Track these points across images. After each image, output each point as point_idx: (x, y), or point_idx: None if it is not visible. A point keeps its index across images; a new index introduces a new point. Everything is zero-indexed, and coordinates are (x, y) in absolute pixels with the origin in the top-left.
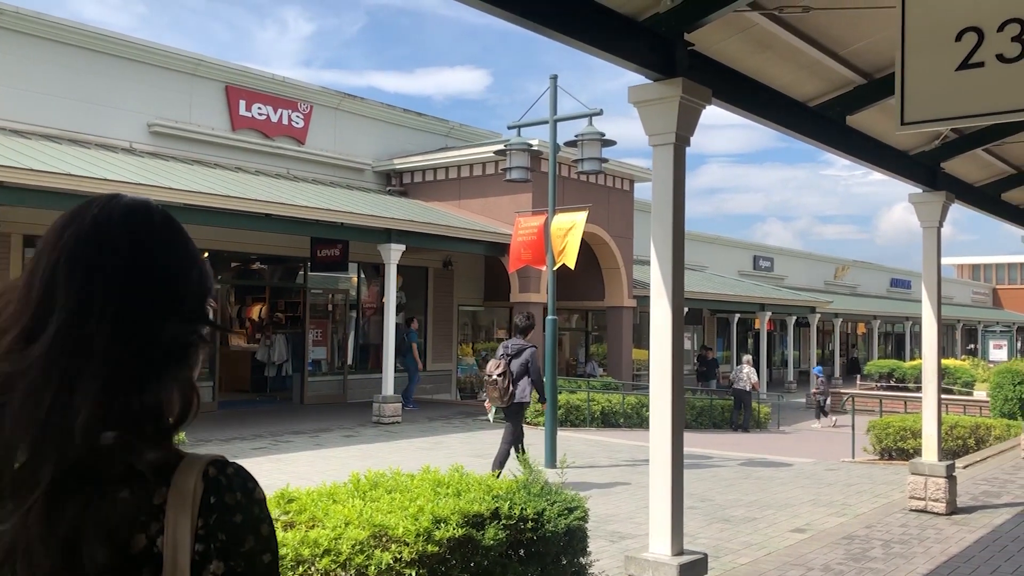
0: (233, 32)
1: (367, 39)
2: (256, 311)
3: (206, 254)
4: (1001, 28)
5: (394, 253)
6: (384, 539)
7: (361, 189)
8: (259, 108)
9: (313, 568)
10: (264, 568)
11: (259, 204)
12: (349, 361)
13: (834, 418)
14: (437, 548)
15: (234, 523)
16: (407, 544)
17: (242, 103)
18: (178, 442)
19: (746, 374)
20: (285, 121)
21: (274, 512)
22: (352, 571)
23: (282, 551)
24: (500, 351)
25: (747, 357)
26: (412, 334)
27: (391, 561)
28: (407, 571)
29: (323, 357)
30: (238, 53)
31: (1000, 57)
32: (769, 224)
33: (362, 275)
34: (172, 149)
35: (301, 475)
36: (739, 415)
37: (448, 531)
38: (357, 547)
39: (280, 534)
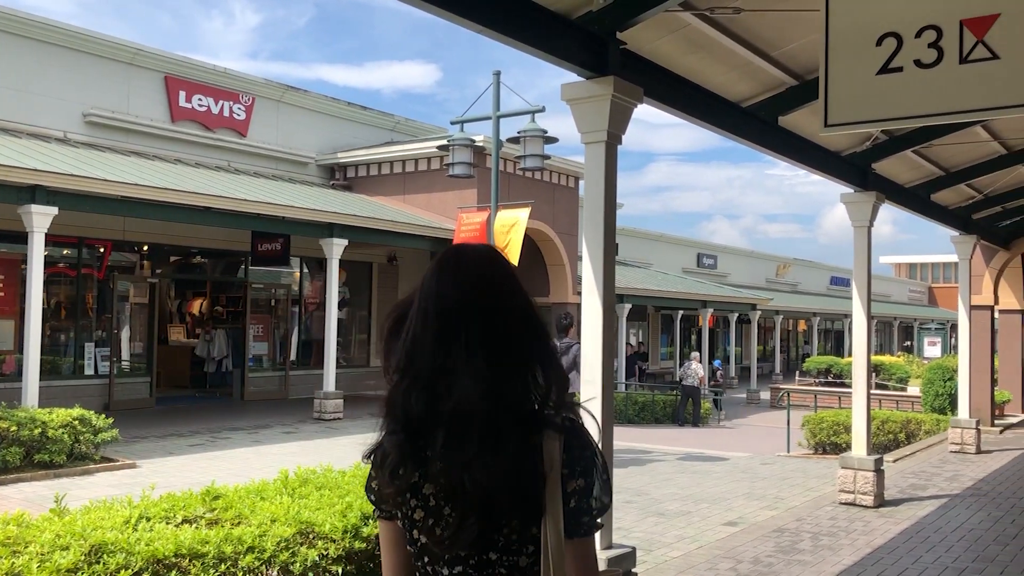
0: (178, 21)
1: (315, 31)
2: (196, 306)
3: (146, 247)
4: (919, 34)
5: (337, 248)
6: (311, 536)
7: (304, 183)
8: (199, 99)
9: (236, 566)
10: (605, 482)
11: (198, 197)
12: (291, 357)
13: (723, 412)
14: (365, 545)
15: (582, 455)
16: (334, 541)
17: (182, 94)
18: (112, 437)
19: (694, 370)
20: (226, 113)
21: (198, 510)
22: (277, 568)
23: (203, 549)
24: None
25: (695, 354)
26: None
27: (317, 558)
28: (334, 568)
29: (264, 353)
30: (183, 43)
31: (918, 63)
32: (716, 222)
33: (305, 270)
34: (109, 140)
35: (237, 472)
36: (687, 410)
37: (376, 528)
38: (282, 544)
39: (203, 532)
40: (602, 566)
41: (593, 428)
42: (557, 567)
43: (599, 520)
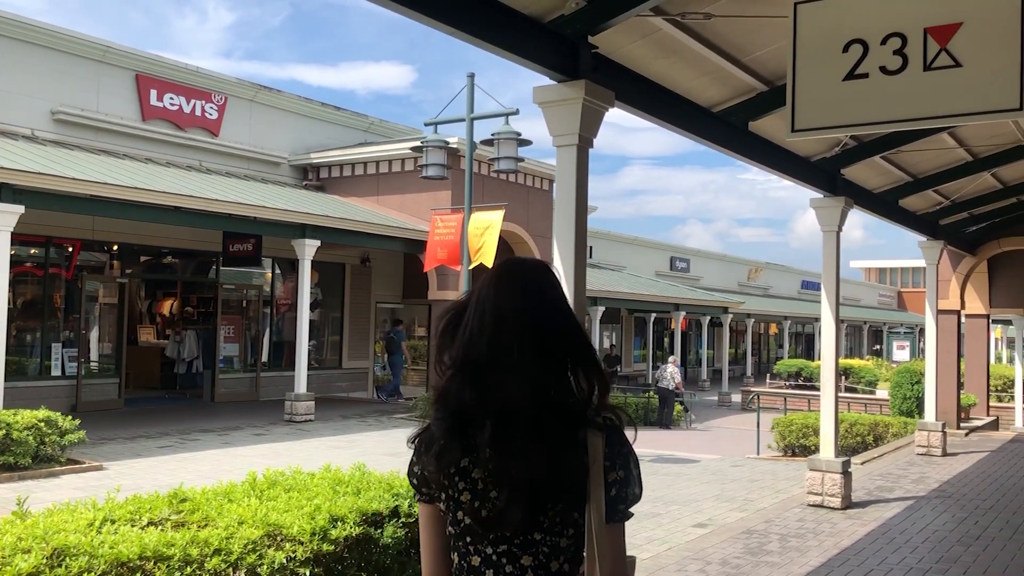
0: (150, 19)
1: (290, 30)
2: (167, 306)
3: (115, 247)
4: (884, 41)
5: (309, 249)
6: (278, 538)
7: (276, 183)
8: (171, 98)
9: (202, 569)
10: (637, 476)
11: (169, 196)
12: (262, 358)
13: (691, 414)
14: (333, 547)
15: (621, 451)
16: (302, 543)
17: (153, 92)
18: (79, 439)
19: (670, 373)
20: (198, 112)
21: (164, 512)
22: (243, 571)
23: (169, 551)
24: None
25: (672, 357)
26: (400, 334)
27: (284, 560)
28: (301, 570)
29: (235, 354)
30: (155, 42)
31: (883, 69)
32: (690, 226)
33: (277, 270)
34: (78, 138)
35: (206, 474)
36: (663, 412)
37: (345, 530)
38: (249, 546)
39: (168, 534)
40: None
41: (629, 430)
42: (599, 546)
43: (632, 509)
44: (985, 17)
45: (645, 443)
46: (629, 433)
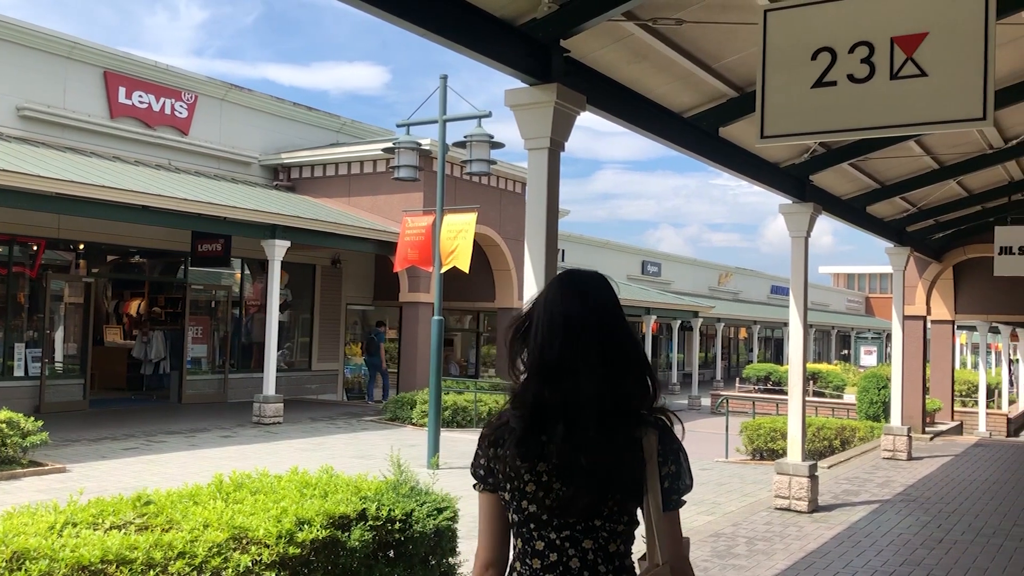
0: (121, 16)
1: (262, 30)
2: (134, 306)
3: (82, 246)
4: (852, 49)
5: (279, 249)
6: (244, 541)
7: (246, 183)
8: (140, 96)
9: (166, 572)
10: (687, 468)
11: (137, 196)
12: (231, 360)
13: None
14: (299, 550)
15: (672, 448)
16: (268, 546)
17: (122, 90)
18: (41, 441)
19: None
20: (168, 110)
21: (128, 515)
22: (208, 574)
23: (132, 555)
24: None
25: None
26: (380, 335)
27: (250, 564)
28: (267, 573)
29: (203, 355)
30: (125, 39)
31: (851, 77)
32: (662, 230)
33: (246, 271)
34: (44, 135)
35: (172, 476)
36: None
37: (312, 533)
38: (214, 549)
39: (132, 538)
40: None
41: (678, 428)
42: (659, 532)
43: (684, 498)
44: (950, 27)
45: None
46: (677, 430)
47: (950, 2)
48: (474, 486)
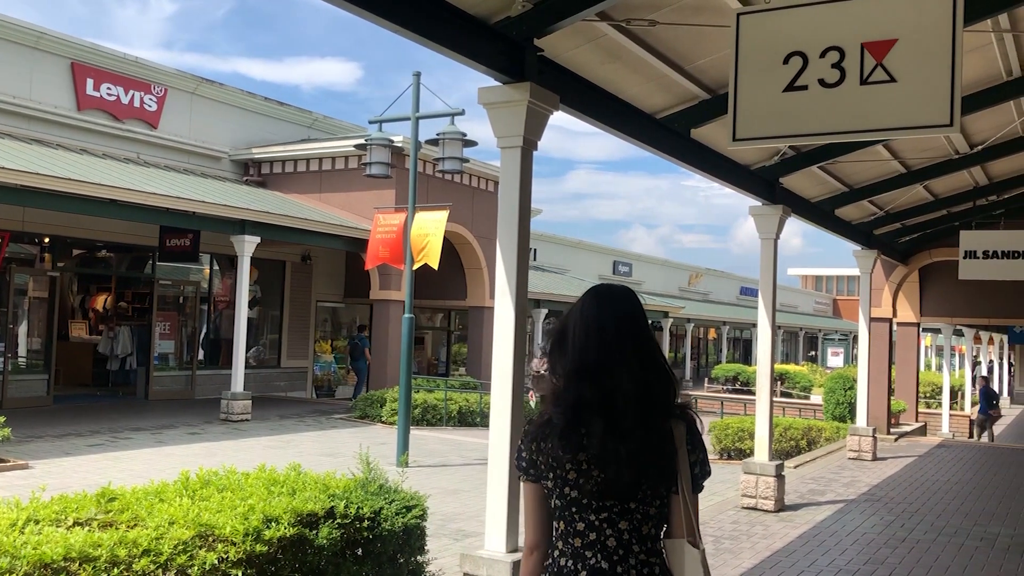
0: (89, 7)
1: (234, 23)
2: (100, 301)
3: (47, 239)
4: (823, 55)
5: (248, 245)
6: (210, 539)
7: (216, 178)
8: (108, 88)
9: (130, 570)
10: (707, 456)
11: (104, 189)
12: (199, 356)
13: None
14: (266, 548)
15: (697, 438)
16: (234, 544)
17: (89, 82)
18: (3, 437)
19: None
20: (137, 103)
21: (92, 512)
22: (173, 572)
23: (95, 552)
24: (539, 351)
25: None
26: (364, 339)
27: (216, 561)
28: (233, 571)
29: (171, 351)
30: (94, 30)
31: (822, 82)
32: (634, 230)
33: (215, 267)
34: (9, 126)
35: (138, 474)
36: None
37: (279, 530)
38: (180, 547)
39: (95, 535)
40: (507, 570)
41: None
42: (690, 509)
43: (704, 482)
44: (919, 35)
45: None
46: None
47: (919, 9)
48: (519, 477)
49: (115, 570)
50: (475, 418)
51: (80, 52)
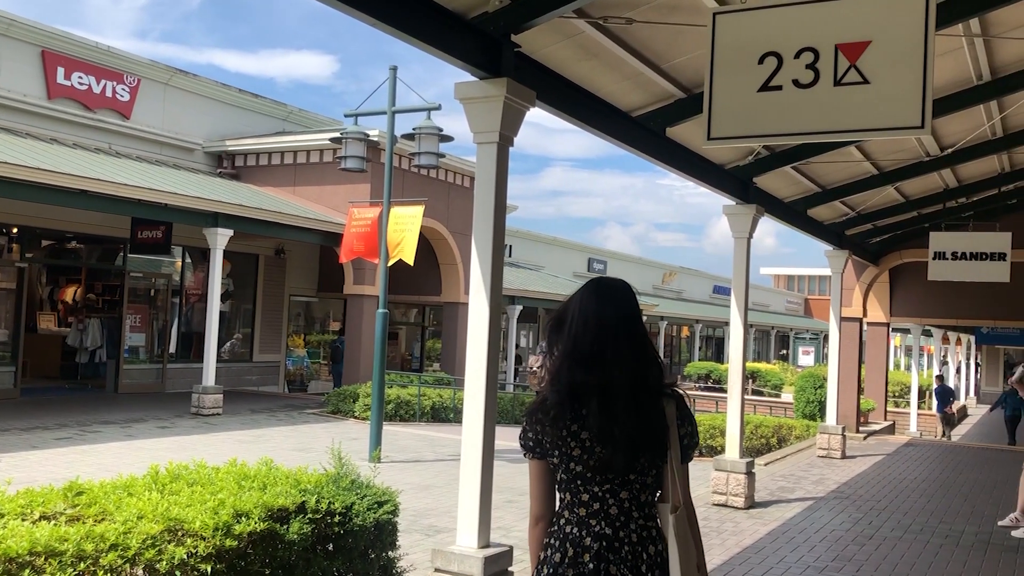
0: None
1: (209, 14)
2: (70, 293)
3: (15, 230)
4: (797, 55)
5: (221, 238)
6: (180, 533)
7: (189, 170)
8: (80, 77)
9: (97, 565)
10: (695, 429)
11: (75, 179)
12: (170, 349)
13: None
14: (236, 542)
15: (687, 415)
16: (204, 538)
17: (60, 70)
18: None
19: None
20: (109, 93)
21: (58, 506)
22: (142, 567)
23: (61, 547)
24: (538, 348)
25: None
26: (344, 343)
27: (185, 556)
28: (203, 566)
29: (141, 344)
30: (66, 19)
31: (796, 82)
32: (609, 228)
33: (188, 259)
34: None
35: (106, 467)
36: None
37: (249, 525)
38: (148, 541)
39: (62, 529)
40: (478, 565)
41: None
42: (681, 478)
43: (693, 452)
44: (893, 37)
45: None
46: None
47: (892, 12)
48: (524, 455)
49: (81, 564)
50: (449, 414)
51: (51, 40)
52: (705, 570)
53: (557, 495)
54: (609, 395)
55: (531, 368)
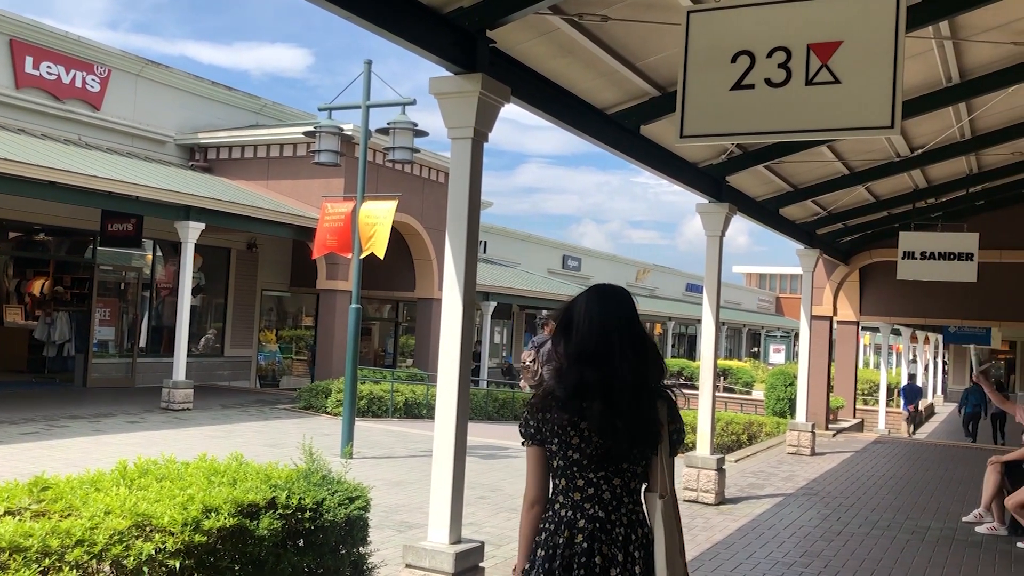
0: None
1: (182, 5)
2: (38, 286)
3: None
4: (770, 54)
5: (192, 231)
6: (148, 529)
7: (161, 162)
8: (48, 67)
9: (62, 561)
10: (683, 426)
11: (43, 171)
12: (140, 343)
13: None
14: (206, 538)
15: (676, 413)
16: (172, 534)
17: (28, 59)
18: None
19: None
20: (79, 84)
21: (23, 501)
22: (108, 563)
23: (26, 542)
24: (529, 344)
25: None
26: None
27: (153, 552)
28: (171, 562)
29: (111, 338)
30: (35, 7)
31: (768, 81)
32: (584, 225)
33: (159, 253)
34: None
35: (73, 463)
36: None
37: (219, 521)
38: (116, 537)
39: (27, 524)
40: (449, 561)
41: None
42: (668, 470)
43: (680, 448)
44: (864, 38)
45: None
46: (680, 401)
47: (864, 13)
48: (523, 443)
49: (47, 560)
50: (421, 410)
51: (19, 29)
52: (685, 554)
53: (551, 481)
54: (613, 390)
55: (524, 363)
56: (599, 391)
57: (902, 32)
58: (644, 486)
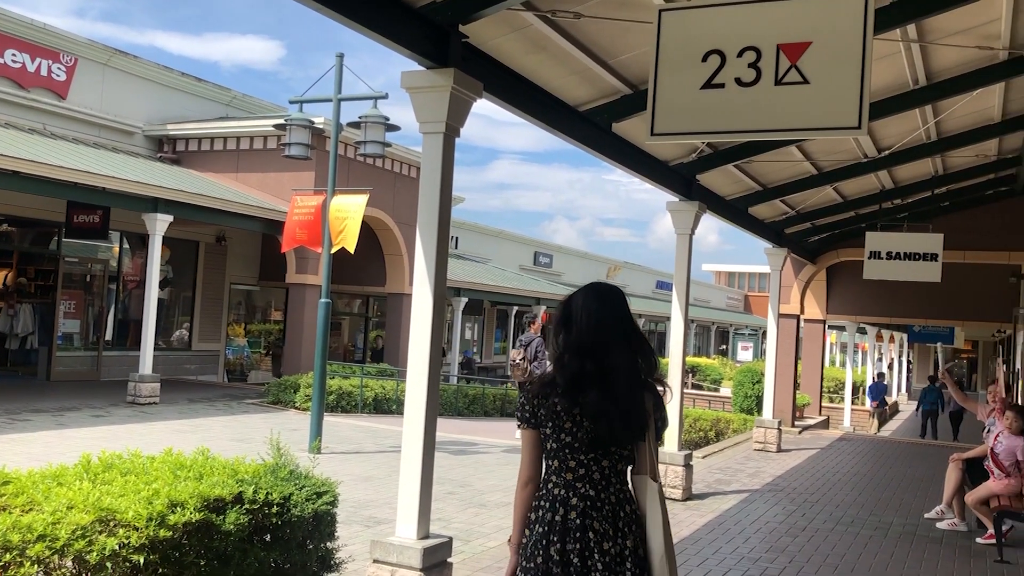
0: None
1: None
2: (1, 277)
3: None
4: (740, 54)
5: (160, 224)
6: (111, 524)
7: (128, 153)
8: (13, 55)
9: (23, 556)
10: (666, 414)
11: (7, 160)
12: (106, 336)
13: None
14: (171, 533)
15: (661, 403)
16: (137, 529)
17: None
18: None
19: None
20: (44, 72)
21: None
22: (71, 558)
23: None
24: (518, 343)
25: (548, 352)
26: None
27: (116, 547)
28: (135, 557)
29: (76, 331)
30: None
31: (738, 81)
32: (556, 222)
33: (125, 245)
34: None
35: (36, 457)
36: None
37: (184, 515)
38: (78, 532)
39: None
40: (417, 556)
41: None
42: (654, 454)
43: (663, 434)
44: (832, 39)
45: (500, 433)
46: (667, 396)
47: (833, 14)
48: (519, 426)
49: (7, 555)
50: (391, 405)
51: None
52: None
53: (545, 462)
54: (609, 380)
55: (513, 360)
56: (596, 381)
57: (870, 34)
58: (630, 468)
